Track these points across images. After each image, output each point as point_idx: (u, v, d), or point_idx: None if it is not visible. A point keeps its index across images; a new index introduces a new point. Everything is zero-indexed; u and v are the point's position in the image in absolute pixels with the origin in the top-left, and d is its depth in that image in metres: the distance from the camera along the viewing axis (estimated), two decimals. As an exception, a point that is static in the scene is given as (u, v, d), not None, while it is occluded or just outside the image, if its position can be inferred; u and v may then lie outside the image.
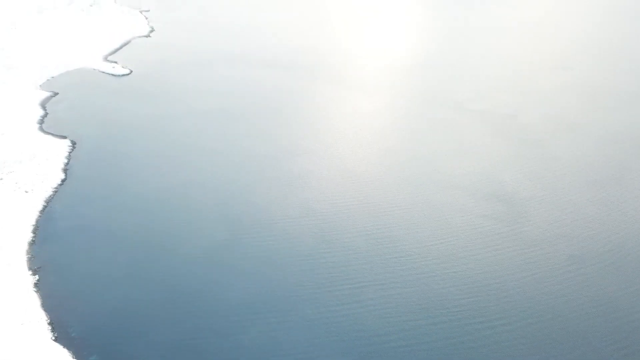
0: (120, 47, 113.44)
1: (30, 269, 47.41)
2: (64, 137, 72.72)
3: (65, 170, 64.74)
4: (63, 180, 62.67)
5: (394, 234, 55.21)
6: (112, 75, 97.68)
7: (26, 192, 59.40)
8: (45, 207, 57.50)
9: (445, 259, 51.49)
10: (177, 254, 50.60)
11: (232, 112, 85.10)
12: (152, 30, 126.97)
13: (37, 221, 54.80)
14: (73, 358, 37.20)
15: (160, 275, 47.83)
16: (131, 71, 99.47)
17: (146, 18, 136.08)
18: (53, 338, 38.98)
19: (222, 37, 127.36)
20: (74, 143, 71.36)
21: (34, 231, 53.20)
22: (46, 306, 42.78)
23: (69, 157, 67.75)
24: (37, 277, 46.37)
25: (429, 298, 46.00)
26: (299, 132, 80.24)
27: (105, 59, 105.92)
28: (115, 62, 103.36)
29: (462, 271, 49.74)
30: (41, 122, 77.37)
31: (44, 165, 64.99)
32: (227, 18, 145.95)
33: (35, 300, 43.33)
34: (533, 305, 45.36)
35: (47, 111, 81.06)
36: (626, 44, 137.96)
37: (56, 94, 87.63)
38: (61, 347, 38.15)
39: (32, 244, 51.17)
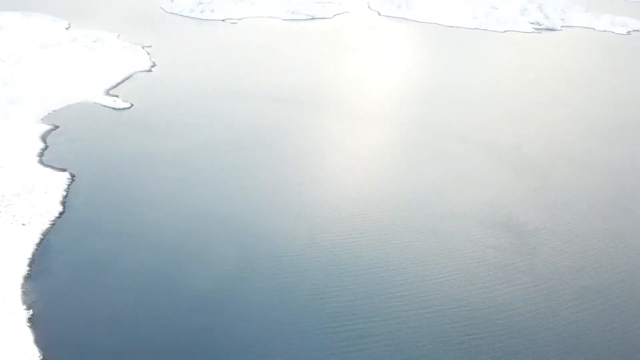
0: (122, 82, 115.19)
1: (24, 303, 46.82)
2: (64, 170, 73.10)
3: (63, 203, 64.84)
4: (61, 213, 62.67)
5: (401, 267, 55.42)
6: (113, 108, 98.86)
7: (23, 225, 59.27)
8: (42, 240, 57.33)
9: (453, 294, 51.30)
10: (180, 291, 49.96)
11: (236, 144, 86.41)
12: (153, 65, 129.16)
13: (34, 254, 54.56)
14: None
15: (163, 314, 47.10)
16: (132, 105, 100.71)
17: (148, 54, 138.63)
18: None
19: (223, 72, 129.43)
20: (73, 176, 71.69)
21: (30, 264, 52.88)
22: (39, 342, 42.08)
23: (67, 190, 68.03)
24: (31, 311, 45.75)
25: (436, 335, 45.54)
26: (305, 162, 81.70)
27: (107, 93, 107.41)
28: (117, 96, 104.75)
29: (471, 306, 49.34)
30: (41, 154, 77.92)
31: (42, 198, 65.09)
32: (228, 55, 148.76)
33: (28, 335, 42.62)
34: (545, 339, 44.78)
35: (47, 144, 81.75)
36: (621, 81, 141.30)
37: (57, 127, 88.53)
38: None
39: (28, 277, 50.78)
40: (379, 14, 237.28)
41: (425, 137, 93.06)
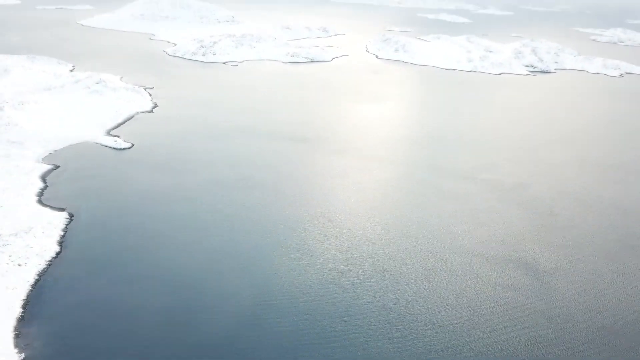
0: (124, 122, 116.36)
1: (17, 346, 45.41)
2: (62, 210, 72.58)
3: (60, 243, 63.98)
4: (58, 253, 61.73)
5: (409, 306, 54.58)
6: (114, 148, 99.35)
7: (19, 265, 58.27)
8: (37, 281, 56.18)
9: (463, 335, 50.02)
10: (185, 335, 48.46)
11: (239, 183, 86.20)
12: (155, 106, 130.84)
13: (28, 296, 53.30)
14: None
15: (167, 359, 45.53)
16: (133, 145, 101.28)
17: (150, 95, 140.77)
18: None
19: (224, 113, 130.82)
20: (71, 215, 71.12)
21: (24, 306, 51.57)
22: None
23: (65, 230, 67.24)
24: (23, 355, 44.29)
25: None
26: (311, 200, 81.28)
27: (108, 133, 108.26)
28: (118, 136, 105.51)
29: (484, 349, 48.05)
30: (40, 194, 77.58)
31: (39, 238, 64.28)
32: (229, 96, 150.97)
33: (19, 381, 41.09)
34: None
35: (47, 184, 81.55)
36: (620, 122, 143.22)
37: (57, 167, 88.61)
38: None
39: (21, 320, 49.40)
40: (377, 57, 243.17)
41: (430, 176, 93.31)
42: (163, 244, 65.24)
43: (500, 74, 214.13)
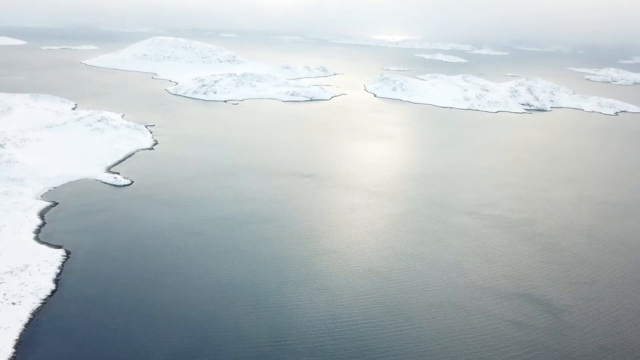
0: (124, 159, 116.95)
1: (6, 389, 43.97)
2: (59, 247, 71.93)
3: (56, 281, 63.07)
4: (53, 292, 60.77)
5: (419, 344, 54.06)
6: (114, 185, 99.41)
7: (13, 304, 57.24)
8: (31, 319, 55.07)
9: None
10: None
11: (241, 219, 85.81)
12: (155, 144, 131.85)
13: (21, 335, 52.11)
14: None
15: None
16: (132, 182, 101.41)
17: (151, 132, 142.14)
18: None
19: (225, 150, 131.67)
20: (68, 253, 70.42)
21: (16, 346, 50.33)
22: None
23: (61, 268, 66.42)
24: (13, 398, 42.84)
25: None
26: (318, 235, 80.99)
27: (108, 170, 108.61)
28: (117, 173, 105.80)
29: None
30: (38, 231, 77.07)
31: (35, 276, 63.43)
32: (230, 133, 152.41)
33: None
34: None
35: (45, 220, 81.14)
36: (620, 160, 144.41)
37: (56, 203, 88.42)
38: None
39: (13, 360, 48.06)
40: (375, 95, 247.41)
41: (436, 212, 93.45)
42: (164, 281, 64.29)
43: (497, 112, 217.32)
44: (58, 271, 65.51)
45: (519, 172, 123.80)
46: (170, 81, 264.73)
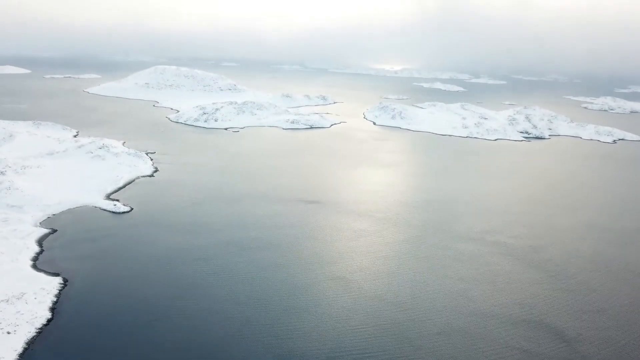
0: (124, 186, 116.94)
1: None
2: (57, 275, 71.15)
3: (52, 310, 62.15)
4: (49, 320, 59.80)
5: None
6: (113, 212, 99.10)
7: (8, 333, 56.27)
8: (25, 349, 54.02)
9: None
10: None
11: (242, 246, 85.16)
12: (155, 171, 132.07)
13: (15, 366, 51.01)
14: None
15: None
16: (132, 209, 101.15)
17: (151, 159, 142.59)
18: None
19: (226, 177, 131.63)
20: (65, 280, 69.61)
21: (10, 377, 49.17)
22: None
23: (58, 296, 65.52)
24: None
25: None
26: (324, 262, 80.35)
27: (108, 197, 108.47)
28: (117, 200, 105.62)
29: None
30: (35, 259, 76.38)
31: (31, 304, 62.54)
32: (230, 160, 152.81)
33: None
34: None
35: (43, 248, 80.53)
36: (622, 187, 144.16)
37: (55, 231, 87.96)
38: None
39: (5, 392, 46.90)
40: (374, 123, 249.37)
41: (441, 238, 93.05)
42: (164, 309, 63.20)
43: (495, 139, 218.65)
44: (55, 299, 64.63)
45: (521, 199, 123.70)
46: (172, 109, 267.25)
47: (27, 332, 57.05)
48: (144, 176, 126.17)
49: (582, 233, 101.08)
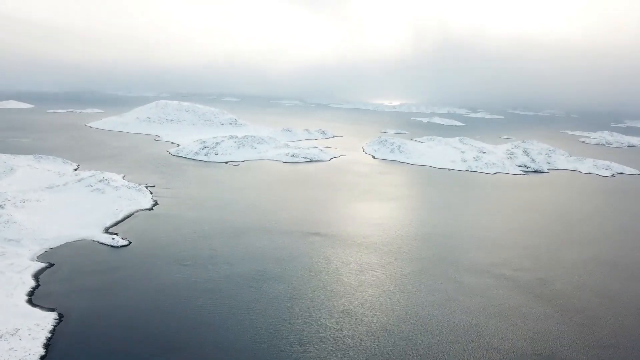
0: (123, 220, 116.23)
1: None
2: (52, 310, 69.74)
3: (46, 346, 60.58)
4: (42, 358, 58.19)
5: None
6: (111, 246, 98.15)
7: (0, 371, 54.71)
8: (17, 388, 52.38)
9: None
10: None
11: (247, 279, 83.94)
12: (155, 204, 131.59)
13: (5, 406, 49.31)
14: None
15: None
16: (130, 242, 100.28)
17: (151, 193, 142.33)
18: None
19: (227, 210, 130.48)
20: (61, 316, 68.18)
21: (-1, 418, 47.46)
22: None
23: (53, 332, 64.04)
24: None
25: None
26: (331, 295, 79.21)
27: (106, 230, 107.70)
28: (116, 234, 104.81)
29: None
30: (31, 294, 75.05)
31: (25, 341, 61.04)
32: (231, 194, 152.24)
33: None
34: None
35: (39, 282, 79.25)
36: (629, 222, 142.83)
37: (52, 265, 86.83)
38: None
39: None
40: (374, 157, 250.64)
41: (448, 271, 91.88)
42: (163, 343, 61.62)
43: (494, 173, 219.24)
44: (49, 335, 63.11)
45: (524, 232, 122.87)
46: (172, 143, 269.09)
47: (20, 370, 55.48)
48: (143, 209, 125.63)
49: (588, 266, 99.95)
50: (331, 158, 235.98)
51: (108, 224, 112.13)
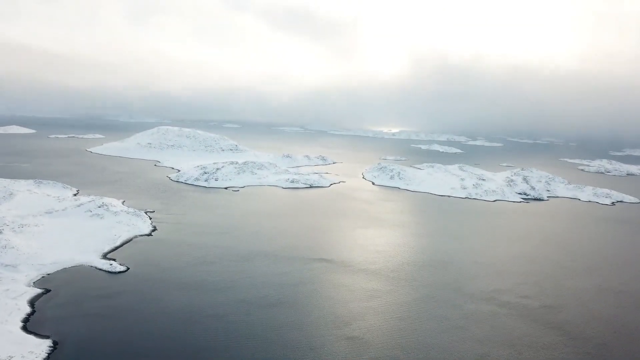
0: (121, 245, 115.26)
1: None
2: (47, 337, 68.37)
3: (40, 375, 59.25)
4: (35, 387, 56.84)
5: None
6: (108, 272, 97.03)
7: (-9, 401, 53.24)
8: (8, 419, 50.88)
9: None
10: None
11: (258, 301, 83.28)
12: (154, 230, 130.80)
13: None
14: None
15: None
16: (128, 268, 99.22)
17: (150, 218, 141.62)
18: None
19: (227, 236, 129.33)
20: (55, 343, 66.78)
21: None
22: None
23: (47, 359, 62.71)
24: None
25: None
26: (337, 321, 78.13)
27: (104, 256, 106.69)
28: (114, 260, 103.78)
29: None
30: (26, 320, 73.71)
31: (18, 369, 59.68)
32: (231, 219, 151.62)
33: None
34: None
35: (35, 309, 77.95)
36: (631, 251, 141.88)
37: (48, 291, 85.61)
38: None
39: None
40: (373, 183, 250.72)
41: (454, 299, 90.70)
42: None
43: (494, 201, 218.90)
44: (43, 364, 61.79)
45: (528, 260, 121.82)
46: (173, 168, 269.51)
47: (11, 399, 53.99)
48: (142, 235, 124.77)
49: (593, 294, 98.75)
50: (331, 184, 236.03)
51: (106, 249, 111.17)
